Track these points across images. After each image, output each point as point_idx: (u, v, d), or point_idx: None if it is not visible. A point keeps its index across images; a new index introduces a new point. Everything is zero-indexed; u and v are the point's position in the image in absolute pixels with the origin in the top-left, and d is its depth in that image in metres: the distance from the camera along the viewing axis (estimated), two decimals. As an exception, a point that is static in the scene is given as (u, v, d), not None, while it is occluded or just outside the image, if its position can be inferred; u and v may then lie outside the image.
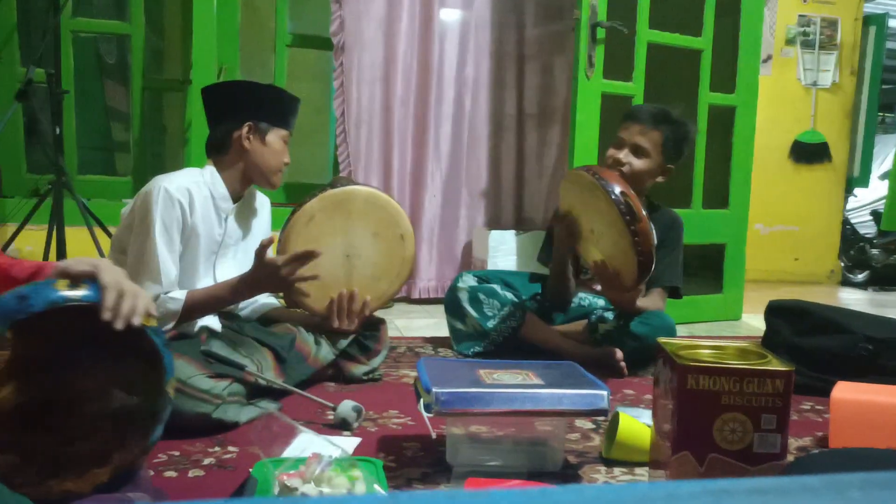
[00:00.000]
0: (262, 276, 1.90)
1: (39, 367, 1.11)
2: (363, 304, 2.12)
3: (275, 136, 2.03)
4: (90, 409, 1.15)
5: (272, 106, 2.04)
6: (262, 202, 2.19)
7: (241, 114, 2.00)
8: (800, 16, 4.92)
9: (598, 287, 2.58)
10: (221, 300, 1.93)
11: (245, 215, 2.10)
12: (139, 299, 1.07)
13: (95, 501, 1.06)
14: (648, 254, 2.02)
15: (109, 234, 2.89)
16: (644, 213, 2.02)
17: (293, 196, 3.76)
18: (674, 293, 2.55)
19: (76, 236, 2.99)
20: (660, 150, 2.40)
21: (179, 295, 1.84)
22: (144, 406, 1.14)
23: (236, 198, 2.05)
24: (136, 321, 1.05)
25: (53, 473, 1.07)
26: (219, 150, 2.03)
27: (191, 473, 1.45)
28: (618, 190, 2.02)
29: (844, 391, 1.72)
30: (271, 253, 1.92)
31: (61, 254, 2.93)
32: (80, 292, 1.04)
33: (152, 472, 1.40)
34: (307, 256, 1.91)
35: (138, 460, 1.14)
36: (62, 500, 1.05)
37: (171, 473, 1.44)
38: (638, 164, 2.38)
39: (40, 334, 1.06)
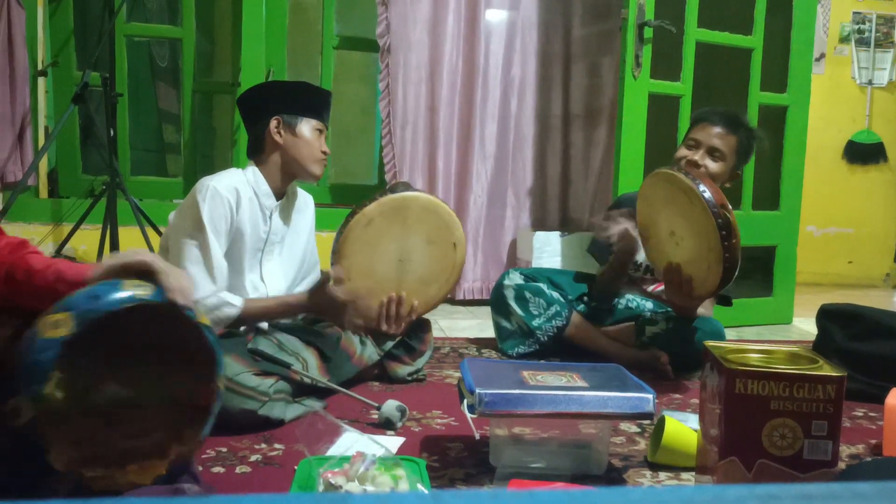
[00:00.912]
0: (320, 304, 1.94)
1: (107, 364, 1.14)
2: (410, 308, 2.14)
3: (306, 127, 2.04)
4: (150, 406, 1.18)
5: (298, 98, 2.06)
6: (307, 201, 2.21)
7: (269, 111, 2.03)
8: (854, 13, 4.80)
9: (650, 287, 2.55)
10: (274, 315, 1.98)
11: (288, 212, 2.13)
12: (186, 281, 1.12)
13: (151, 492, 1.09)
14: (733, 270, 1.97)
15: (160, 234, 2.95)
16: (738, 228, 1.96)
17: (339, 196, 3.80)
18: (724, 300, 2.50)
19: (129, 236, 3.07)
20: (735, 154, 2.36)
21: (237, 302, 1.87)
22: (198, 402, 1.17)
23: (279, 195, 2.08)
24: (189, 303, 1.09)
25: (119, 465, 1.11)
26: (256, 150, 2.06)
27: (238, 469, 1.47)
28: (717, 201, 1.94)
29: (900, 398, 1.67)
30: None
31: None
32: (147, 292, 1.06)
33: (200, 468, 1.43)
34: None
35: (192, 453, 1.18)
36: (124, 490, 1.09)
37: (218, 469, 1.47)
38: (714, 167, 2.33)
39: (109, 333, 1.08)
